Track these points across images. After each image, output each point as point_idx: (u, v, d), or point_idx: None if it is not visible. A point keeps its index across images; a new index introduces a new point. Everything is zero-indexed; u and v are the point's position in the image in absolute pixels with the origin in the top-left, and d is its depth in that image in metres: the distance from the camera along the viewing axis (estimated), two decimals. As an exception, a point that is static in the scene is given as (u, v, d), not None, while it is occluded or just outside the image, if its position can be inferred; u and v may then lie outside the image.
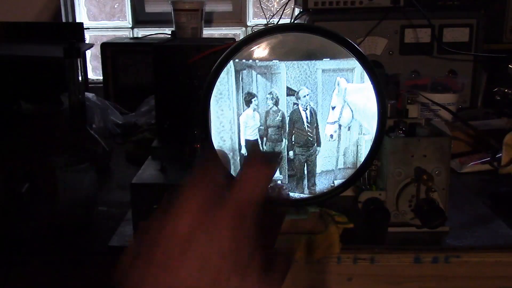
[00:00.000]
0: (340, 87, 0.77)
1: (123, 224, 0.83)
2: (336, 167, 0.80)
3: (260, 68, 0.76)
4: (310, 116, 0.78)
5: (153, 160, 0.90)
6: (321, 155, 0.80)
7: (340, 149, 0.80)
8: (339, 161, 0.80)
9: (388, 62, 1.41)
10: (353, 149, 0.80)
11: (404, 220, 0.80)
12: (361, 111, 0.78)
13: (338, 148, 0.80)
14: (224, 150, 0.78)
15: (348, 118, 0.78)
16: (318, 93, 0.76)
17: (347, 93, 0.77)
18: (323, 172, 0.80)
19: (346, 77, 0.77)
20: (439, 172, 0.78)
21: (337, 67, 0.77)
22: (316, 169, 0.80)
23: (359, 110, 0.78)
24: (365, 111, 0.78)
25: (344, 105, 0.78)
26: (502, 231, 0.81)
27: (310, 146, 0.79)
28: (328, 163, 0.80)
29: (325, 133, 0.79)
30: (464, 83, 1.27)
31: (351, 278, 0.78)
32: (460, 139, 1.13)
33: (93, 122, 1.30)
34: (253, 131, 0.78)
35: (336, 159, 0.80)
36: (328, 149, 0.80)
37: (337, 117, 0.79)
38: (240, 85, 0.77)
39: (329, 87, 0.77)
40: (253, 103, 0.77)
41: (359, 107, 0.78)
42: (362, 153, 0.79)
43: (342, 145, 0.80)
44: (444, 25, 1.41)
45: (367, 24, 1.40)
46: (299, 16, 1.54)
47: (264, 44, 0.75)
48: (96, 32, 1.99)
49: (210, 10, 1.92)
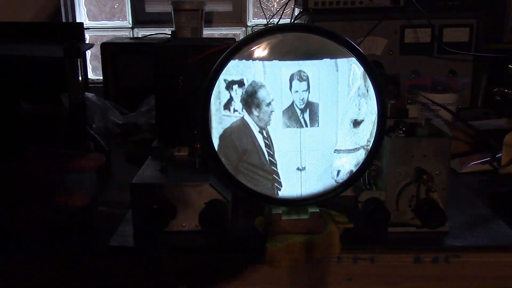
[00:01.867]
0: (357, 86, 0.74)
1: (123, 224, 0.83)
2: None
3: (260, 68, 0.75)
4: (304, 113, 0.77)
5: (153, 160, 0.90)
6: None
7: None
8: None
9: (388, 62, 1.41)
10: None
11: (404, 220, 0.80)
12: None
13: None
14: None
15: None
16: (318, 93, 0.76)
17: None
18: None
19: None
20: (439, 172, 0.78)
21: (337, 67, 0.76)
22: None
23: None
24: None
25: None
26: (502, 231, 0.81)
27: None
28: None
29: (336, 167, 0.77)
30: (464, 83, 1.27)
31: (351, 278, 0.78)
32: (460, 139, 1.13)
33: (93, 122, 1.30)
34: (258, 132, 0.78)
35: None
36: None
37: (364, 139, 0.77)
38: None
39: (331, 87, 0.77)
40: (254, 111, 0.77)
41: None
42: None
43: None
44: (444, 25, 1.41)
45: (367, 24, 1.40)
46: (299, 16, 1.54)
47: (264, 44, 0.75)
48: (96, 32, 1.99)
49: (210, 10, 1.93)
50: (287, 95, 0.75)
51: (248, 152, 0.77)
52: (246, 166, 0.77)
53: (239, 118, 0.76)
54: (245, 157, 0.77)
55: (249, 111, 0.76)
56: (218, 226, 0.79)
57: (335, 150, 0.77)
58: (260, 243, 0.76)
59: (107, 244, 0.78)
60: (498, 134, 0.98)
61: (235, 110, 0.76)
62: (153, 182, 0.80)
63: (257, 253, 0.76)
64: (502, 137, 0.93)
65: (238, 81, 0.75)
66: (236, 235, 0.80)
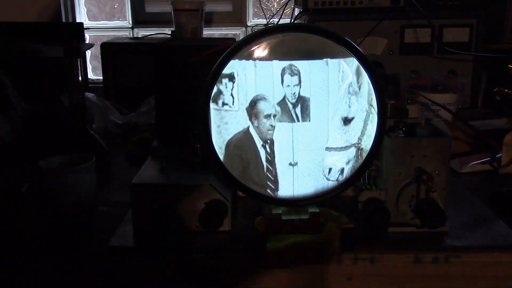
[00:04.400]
0: (347, 84, 0.74)
1: (123, 224, 0.83)
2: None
3: (260, 68, 0.76)
4: (296, 108, 0.77)
5: (153, 160, 0.90)
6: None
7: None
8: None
9: (388, 62, 1.41)
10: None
11: (404, 220, 0.80)
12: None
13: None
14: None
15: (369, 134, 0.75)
16: (318, 93, 0.76)
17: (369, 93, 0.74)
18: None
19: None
20: (439, 172, 0.78)
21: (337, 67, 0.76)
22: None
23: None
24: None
25: (369, 111, 0.73)
26: (502, 231, 0.81)
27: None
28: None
29: (327, 166, 0.77)
30: (464, 83, 1.27)
31: (351, 278, 0.78)
32: (460, 139, 1.13)
33: (93, 122, 1.30)
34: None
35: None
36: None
37: (355, 137, 0.76)
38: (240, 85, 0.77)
39: (322, 83, 0.76)
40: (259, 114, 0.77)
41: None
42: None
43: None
44: (444, 25, 1.41)
45: (367, 24, 1.40)
46: (299, 16, 1.54)
47: (264, 44, 0.75)
48: (96, 32, 1.99)
49: (210, 10, 1.92)
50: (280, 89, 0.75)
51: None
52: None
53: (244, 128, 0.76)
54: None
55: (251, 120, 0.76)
56: (218, 226, 0.79)
57: (326, 147, 0.77)
58: (260, 243, 0.76)
59: (107, 244, 0.78)
60: (498, 134, 0.98)
61: (224, 104, 0.76)
62: (153, 182, 0.80)
63: (257, 253, 0.76)
64: (502, 137, 0.93)
65: (228, 75, 0.75)
66: (236, 235, 0.80)
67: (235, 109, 0.75)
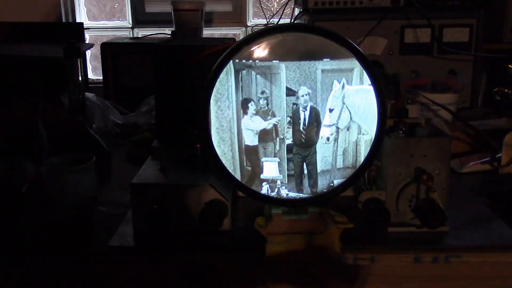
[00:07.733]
0: (337, 89, 0.77)
1: (123, 224, 0.83)
2: (335, 167, 0.80)
3: (260, 68, 0.76)
4: (309, 116, 0.78)
5: (153, 160, 0.90)
6: (319, 156, 0.80)
7: (338, 150, 0.80)
8: (338, 161, 0.80)
9: (388, 62, 1.41)
10: (352, 148, 0.80)
11: (404, 220, 0.80)
12: (360, 113, 0.78)
13: (336, 149, 0.79)
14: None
15: (346, 120, 0.79)
16: (318, 94, 0.76)
17: (346, 95, 0.78)
18: (323, 171, 0.80)
19: (346, 78, 0.77)
20: (439, 172, 0.78)
21: (337, 67, 0.77)
22: (316, 169, 0.80)
23: (358, 113, 0.78)
24: (364, 113, 0.78)
25: (343, 107, 0.78)
26: (502, 231, 0.81)
27: (306, 146, 0.79)
28: (326, 163, 0.80)
29: (321, 135, 0.79)
30: (464, 83, 1.27)
31: (351, 278, 0.78)
32: (460, 139, 1.13)
33: (93, 122, 1.30)
34: (255, 134, 0.78)
35: (335, 159, 0.80)
36: (326, 149, 0.80)
37: (335, 120, 0.79)
38: (239, 85, 0.77)
39: (329, 87, 0.77)
40: (251, 108, 0.77)
41: (357, 109, 0.78)
42: (362, 153, 0.79)
43: (340, 146, 0.80)
44: (444, 25, 1.41)
45: (367, 24, 1.40)
46: (299, 16, 1.54)
47: (264, 44, 0.75)
48: (96, 32, 1.99)
49: (210, 10, 1.92)
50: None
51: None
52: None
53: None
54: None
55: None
56: (218, 226, 0.79)
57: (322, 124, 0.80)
58: (260, 243, 0.76)
59: (107, 244, 0.78)
60: (498, 134, 0.98)
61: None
62: (153, 182, 0.81)
63: (257, 253, 0.76)
64: (502, 137, 0.93)
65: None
66: (236, 235, 0.80)
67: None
